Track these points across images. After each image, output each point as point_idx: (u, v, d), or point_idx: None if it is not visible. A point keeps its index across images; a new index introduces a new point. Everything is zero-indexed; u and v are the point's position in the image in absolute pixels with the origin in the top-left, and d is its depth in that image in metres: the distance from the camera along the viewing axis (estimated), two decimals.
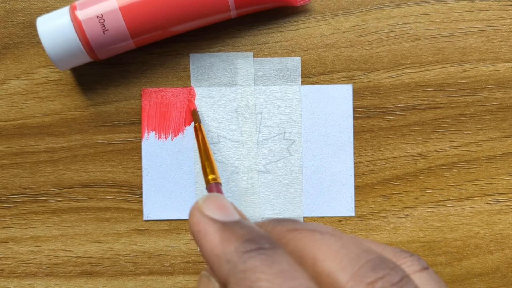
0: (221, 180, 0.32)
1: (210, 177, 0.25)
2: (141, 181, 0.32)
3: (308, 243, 0.17)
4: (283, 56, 0.32)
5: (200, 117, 0.32)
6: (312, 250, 0.17)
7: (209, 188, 0.25)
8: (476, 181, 0.32)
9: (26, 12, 0.32)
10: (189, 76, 0.32)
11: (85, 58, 0.30)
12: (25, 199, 0.33)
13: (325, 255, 0.16)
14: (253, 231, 0.17)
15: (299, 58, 0.32)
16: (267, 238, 0.17)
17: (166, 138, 0.32)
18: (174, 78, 0.32)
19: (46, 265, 0.33)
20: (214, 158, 0.32)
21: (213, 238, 0.17)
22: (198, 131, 0.29)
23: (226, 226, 0.17)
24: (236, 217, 0.18)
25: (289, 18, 0.32)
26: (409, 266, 0.17)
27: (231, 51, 0.32)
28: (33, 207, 0.33)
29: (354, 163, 0.32)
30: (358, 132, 0.32)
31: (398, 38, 0.32)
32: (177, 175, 0.32)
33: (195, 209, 0.18)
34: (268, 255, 0.16)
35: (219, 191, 0.24)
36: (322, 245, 0.17)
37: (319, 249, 0.17)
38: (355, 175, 0.32)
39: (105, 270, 0.33)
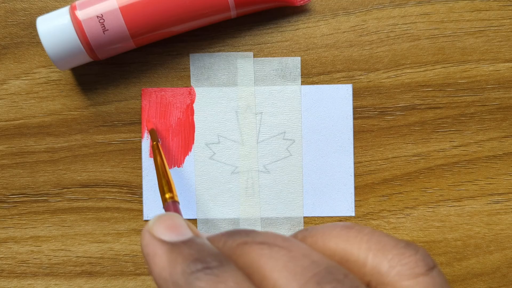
0: (221, 180, 0.32)
1: (167, 195, 0.24)
2: (141, 181, 0.32)
3: (256, 258, 0.16)
4: (283, 56, 0.32)
5: (200, 117, 0.32)
6: (260, 264, 0.16)
7: (166, 207, 0.24)
8: (476, 181, 0.32)
9: (26, 12, 0.32)
10: (189, 76, 0.32)
11: (85, 58, 0.30)
12: (25, 199, 0.33)
13: (272, 270, 0.16)
14: (201, 250, 0.17)
15: (299, 58, 0.32)
16: (216, 256, 0.16)
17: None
18: (174, 78, 0.32)
19: (46, 265, 0.33)
20: (214, 158, 0.32)
21: (161, 261, 0.17)
22: (156, 149, 0.29)
23: (174, 247, 0.17)
24: (187, 235, 0.17)
25: (289, 18, 0.32)
26: (412, 268, 0.16)
27: (231, 51, 0.32)
28: (33, 207, 0.33)
29: (354, 163, 0.32)
30: (358, 132, 0.32)
31: (398, 38, 0.32)
32: (177, 175, 0.32)
33: (145, 231, 0.18)
34: (215, 275, 0.15)
35: (176, 209, 0.24)
36: (270, 259, 0.16)
37: (267, 264, 0.16)
38: (355, 175, 0.32)
39: (105, 270, 0.33)
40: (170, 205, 0.24)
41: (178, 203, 0.24)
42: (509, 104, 0.32)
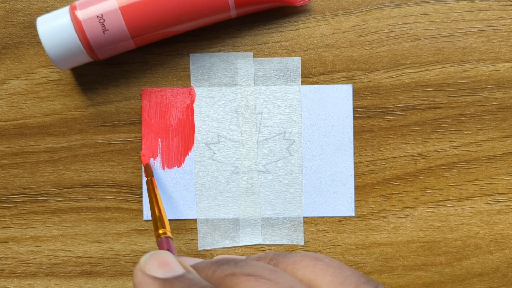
0: (221, 180, 0.32)
1: (160, 231, 0.26)
2: (141, 181, 0.32)
3: None
4: (283, 56, 0.32)
5: (200, 117, 0.32)
6: None
7: (159, 243, 0.25)
8: (476, 181, 0.32)
9: (26, 12, 0.32)
10: (189, 76, 0.32)
11: (85, 58, 0.30)
12: (25, 199, 0.33)
13: None
14: (193, 284, 0.17)
15: (299, 58, 0.32)
16: None
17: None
18: (174, 78, 0.32)
19: (46, 265, 0.33)
20: (214, 158, 0.32)
21: None
22: (149, 185, 0.30)
23: (166, 283, 0.17)
24: (178, 271, 0.18)
25: (289, 18, 0.32)
26: None
27: (231, 51, 0.32)
28: (33, 207, 0.33)
29: (354, 163, 0.32)
30: (358, 132, 0.32)
31: (398, 38, 0.32)
32: (177, 175, 0.32)
33: (137, 269, 0.18)
34: None
35: (169, 245, 0.25)
36: None
37: None
38: (355, 175, 0.32)
39: (105, 270, 0.33)
40: (164, 241, 0.25)
41: (172, 238, 0.26)
42: (509, 104, 0.32)
